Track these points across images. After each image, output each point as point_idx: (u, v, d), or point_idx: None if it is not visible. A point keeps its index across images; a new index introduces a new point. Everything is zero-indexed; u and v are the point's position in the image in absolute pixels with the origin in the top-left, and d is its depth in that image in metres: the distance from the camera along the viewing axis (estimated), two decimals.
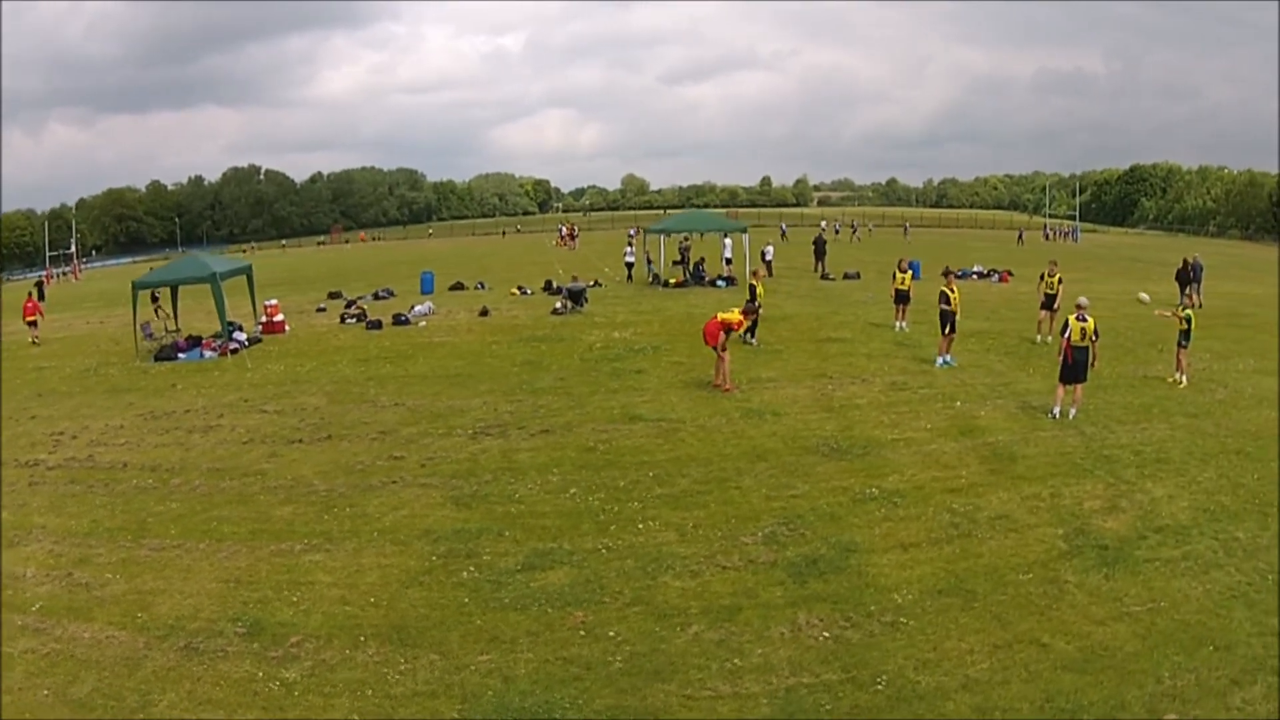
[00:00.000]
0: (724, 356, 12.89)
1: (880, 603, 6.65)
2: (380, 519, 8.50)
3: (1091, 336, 11.60)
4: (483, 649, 6.01)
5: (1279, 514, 8.28)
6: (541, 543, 7.68)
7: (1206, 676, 5.69)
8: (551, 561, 7.29)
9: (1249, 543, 7.68)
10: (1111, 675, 5.69)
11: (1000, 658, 5.90)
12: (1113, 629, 6.27)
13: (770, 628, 6.24)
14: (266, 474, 10.07)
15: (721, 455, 9.93)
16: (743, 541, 7.68)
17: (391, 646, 6.08)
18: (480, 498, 8.90)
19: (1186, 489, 8.98)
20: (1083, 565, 7.28)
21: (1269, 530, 7.91)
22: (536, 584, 6.90)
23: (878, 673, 5.72)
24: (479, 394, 13.32)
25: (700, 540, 7.71)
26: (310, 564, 7.52)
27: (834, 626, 6.30)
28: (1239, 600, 6.68)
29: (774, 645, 6.02)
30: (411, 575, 7.22)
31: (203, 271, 20.07)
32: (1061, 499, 8.71)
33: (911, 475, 9.36)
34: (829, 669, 5.75)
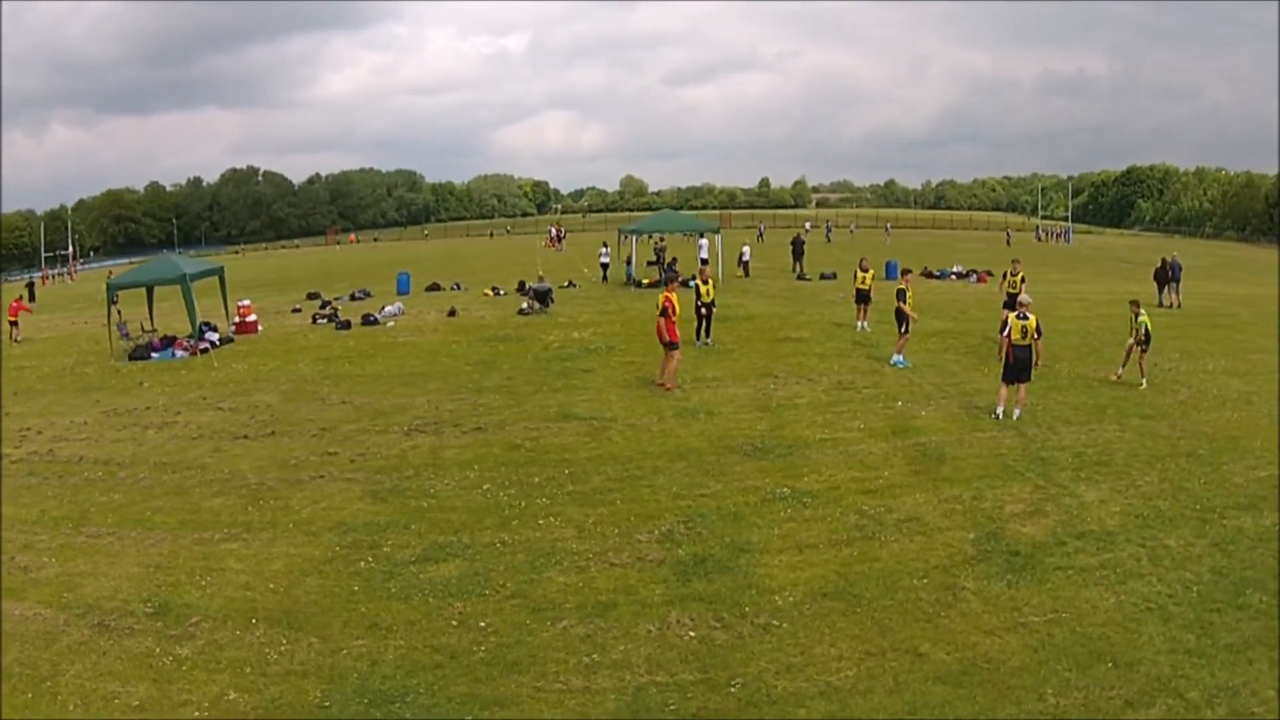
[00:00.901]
0: (673, 355, 12.99)
1: (758, 604, 6.59)
2: (300, 511, 8.76)
3: (1034, 335, 11.37)
4: (360, 634, 6.23)
5: (1220, 520, 8.03)
6: (442, 536, 7.86)
7: (1097, 696, 5.41)
8: (447, 554, 7.46)
9: (1180, 551, 7.45)
10: (988, 690, 5.48)
11: (870, 665, 5.77)
12: (1002, 640, 6.06)
13: (639, 625, 6.26)
14: (207, 468, 10.36)
15: (643, 454, 10.02)
16: (637, 539, 7.73)
17: (278, 629, 6.36)
18: (397, 492, 9.10)
19: (1122, 493, 8.77)
20: (986, 571, 7.10)
21: (1204, 538, 7.69)
22: (426, 575, 7.08)
23: (735, 675, 5.66)
24: (426, 392, 13.51)
25: (596, 537, 7.79)
26: (225, 552, 7.83)
27: (703, 627, 6.27)
28: (1154, 613, 6.43)
29: (637, 643, 6.04)
30: (314, 564, 7.47)
31: (173, 272, 20.37)
32: (982, 502, 8.57)
33: (829, 475, 9.33)
34: (686, 669, 5.73)
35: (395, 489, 9.21)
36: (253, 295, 31.90)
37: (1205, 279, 36.56)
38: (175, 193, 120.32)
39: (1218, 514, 8.24)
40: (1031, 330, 11.37)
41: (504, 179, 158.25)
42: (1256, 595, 6.65)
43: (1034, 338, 11.39)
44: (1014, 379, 11.48)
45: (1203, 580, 6.95)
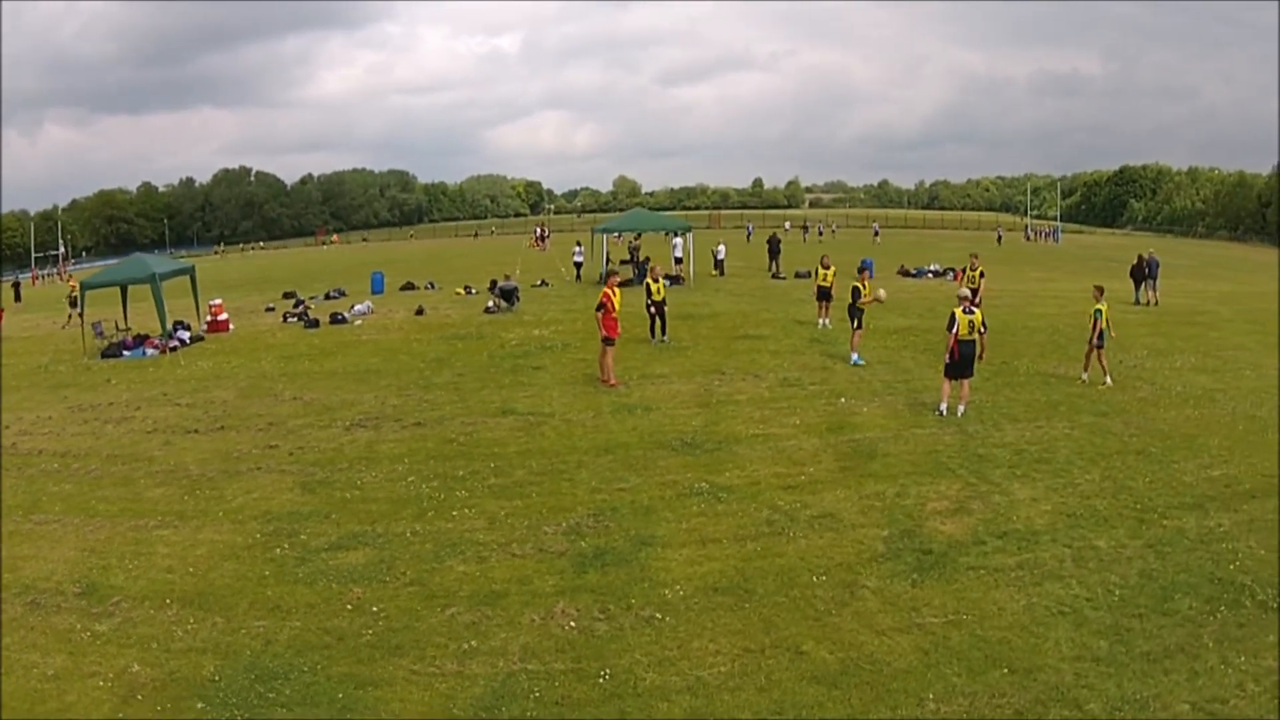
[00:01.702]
0: (607, 351, 13.21)
1: (646, 597, 6.58)
2: (232, 501, 9.03)
3: (979, 329, 11.26)
4: (261, 616, 6.49)
5: (1160, 520, 7.86)
6: (359, 526, 8.09)
7: (984, 704, 5.19)
8: (359, 543, 7.69)
9: (1109, 552, 7.24)
10: (866, 691, 5.35)
11: (745, 662, 5.70)
12: (892, 640, 5.93)
13: (524, 614, 6.35)
14: (154, 460, 10.65)
15: (571, 448, 10.18)
16: (544, 531, 7.84)
17: (189, 609, 6.66)
18: (326, 484, 9.34)
19: (1058, 491, 8.62)
20: (892, 570, 6.98)
21: (1139, 539, 7.47)
22: (334, 562, 7.32)
23: (606, 666, 5.68)
24: (376, 389, 13.72)
25: (505, 528, 7.92)
26: (156, 538, 8.13)
27: (587, 618, 6.31)
28: (1067, 617, 6.21)
29: (519, 631, 6.13)
30: (234, 550, 7.74)
31: (143, 272, 20.59)
32: (905, 499, 8.48)
33: (752, 471, 9.33)
34: (560, 659, 5.79)
35: (325, 481, 9.44)
36: (233, 294, 32.25)
37: (1190, 277, 36.73)
38: (168, 193, 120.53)
39: (1158, 514, 8.05)
40: (978, 325, 11.26)
41: (497, 179, 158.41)
42: (1186, 600, 6.43)
43: (979, 332, 11.27)
44: (958, 374, 11.35)
45: (1128, 584, 6.72)
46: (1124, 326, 19.28)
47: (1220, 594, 6.58)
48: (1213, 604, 6.44)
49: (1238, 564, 7.05)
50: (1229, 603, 6.45)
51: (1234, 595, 6.55)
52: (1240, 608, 6.38)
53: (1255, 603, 6.46)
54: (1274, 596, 6.55)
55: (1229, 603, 6.45)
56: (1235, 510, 8.18)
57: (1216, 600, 6.49)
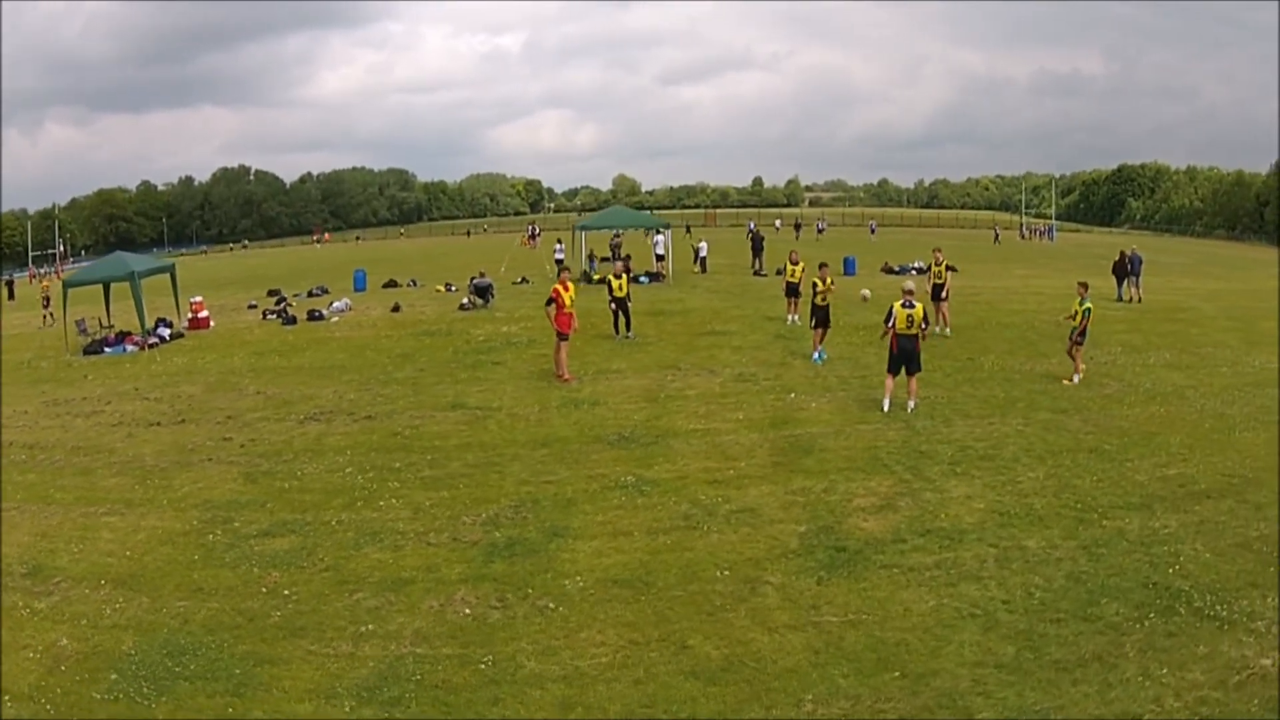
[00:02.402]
0: (561, 346, 13.43)
1: (546, 587, 6.66)
2: (179, 490, 9.35)
3: (920, 324, 11.12)
4: (184, 597, 6.80)
5: (1100, 520, 7.69)
6: (291, 514, 8.38)
7: (865, 708, 5.08)
8: (286, 530, 7.97)
9: (1037, 553, 7.06)
10: (743, 689, 5.30)
11: (628, 654, 5.72)
12: (783, 638, 5.86)
13: (425, 601, 6.50)
14: (115, 452, 10.98)
15: (510, 442, 10.37)
16: (463, 521, 7.98)
17: (120, 590, 6.99)
18: (269, 474, 9.63)
19: (996, 489, 8.46)
20: (801, 566, 6.90)
21: (1074, 540, 7.26)
22: (260, 548, 7.60)
23: (491, 653, 5.77)
24: (337, 384, 14.01)
25: (427, 518, 8.10)
26: (103, 524, 8.48)
27: (484, 605, 6.42)
28: (976, 620, 6.02)
29: (415, 617, 6.29)
30: (171, 536, 8.06)
31: (122, 270, 20.93)
32: (831, 495, 8.39)
33: (683, 465, 9.35)
34: (449, 644, 5.90)
35: (268, 471, 9.73)
36: (222, 292, 32.60)
37: (1181, 275, 36.59)
38: (167, 192, 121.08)
39: (1100, 514, 7.84)
40: (918, 319, 11.07)
41: (496, 178, 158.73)
42: (1113, 606, 6.21)
43: (921, 327, 11.13)
44: (901, 370, 11.22)
45: (1052, 586, 6.51)
46: (1101, 323, 18.95)
47: (1152, 600, 6.31)
48: (1142, 610, 6.17)
49: (1178, 568, 6.79)
50: (1161, 609, 6.17)
51: (1168, 601, 6.27)
52: (1173, 615, 6.10)
53: (1190, 610, 6.17)
54: (1213, 604, 6.23)
55: (1161, 609, 6.17)
56: (1185, 511, 7.93)
57: (1147, 606, 6.22)
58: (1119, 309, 22.04)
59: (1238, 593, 6.40)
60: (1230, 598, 6.32)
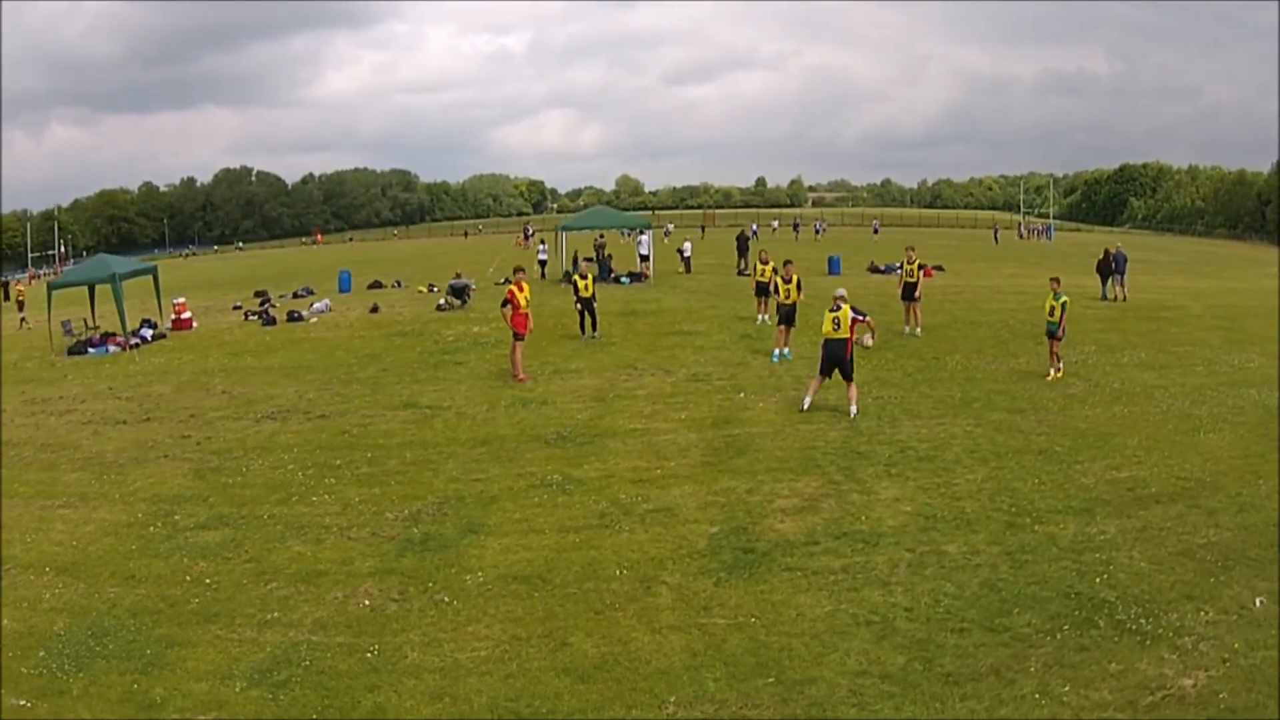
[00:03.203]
0: (516, 346, 13.72)
1: (447, 582, 6.78)
2: (132, 485, 9.71)
3: (849, 327, 10.93)
4: (116, 584, 7.15)
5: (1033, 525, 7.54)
6: (229, 508, 8.71)
7: (729, 713, 5.07)
8: (221, 524, 8.30)
9: (956, 558, 6.92)
10: (610, 688, 5.32)
11: (507, 649, 5.80)
12: (664, 639, 5.87)
13: (331, 592, 6.71)
14: (80, 448, 11.37)
15: (451, 440, 10.61)
16: (386, 517, 8.18)
17: (62, 576, 7.36)
18: (217, 471, 9.99)
19: (928, 491, 8.36)
20: (702, 568, 6.89)
21: (999, 545, 7.11)
22: (194, 540, 7.95)
23: (379, 642, 5.92)
24: (301, 383, 14.38)
25: (354, 513, 8.33)
26: (58, 516, 8.84)
27: (384, 598, 6.59)
28: (871, 628, 5.91)
29: (319, 606, 6.49)
30: (115, 527, 8.42)
31: (104, 272, 21.36)
32: (755, 495, 8.39)
33: (613, 464, 9.45)
34: (343, 633, 6.10)
35: (217, 468, 10.09)
36: (213, 293, 33.03)
37: (1174, 274, 36.27)
38: (169, 193, 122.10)
39: (1034, 518, 7.67)
40: (845, 322, 10.91)
41: (499, 178, 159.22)
42: (1025, 616, 5.99)
43: (849, 330, 10.93)
44: (833, 372, 11.17)
45: (963, 594, 6.32)
46: (1080, 321, 18.83)
47: (1070, 611, 6.07)
48: (1056, 622, 5.92)
49: (1106, 577, 6.56)
50: (1077, 621, 5.92)
51: (1087, 613, 6.03)
52: (1090, 628, 5.86)
53: (1111, 623, 5.92)
54: (1138, 617, 5.96)
55: (1077, 621, 5.92)
56: (1129, 516, 7.73)
57: (1063, 618, 5.97)
58: (1100, 307, 21.94)
59: (1169, 605, 6.13)
60: (1159, 610, 6.05)
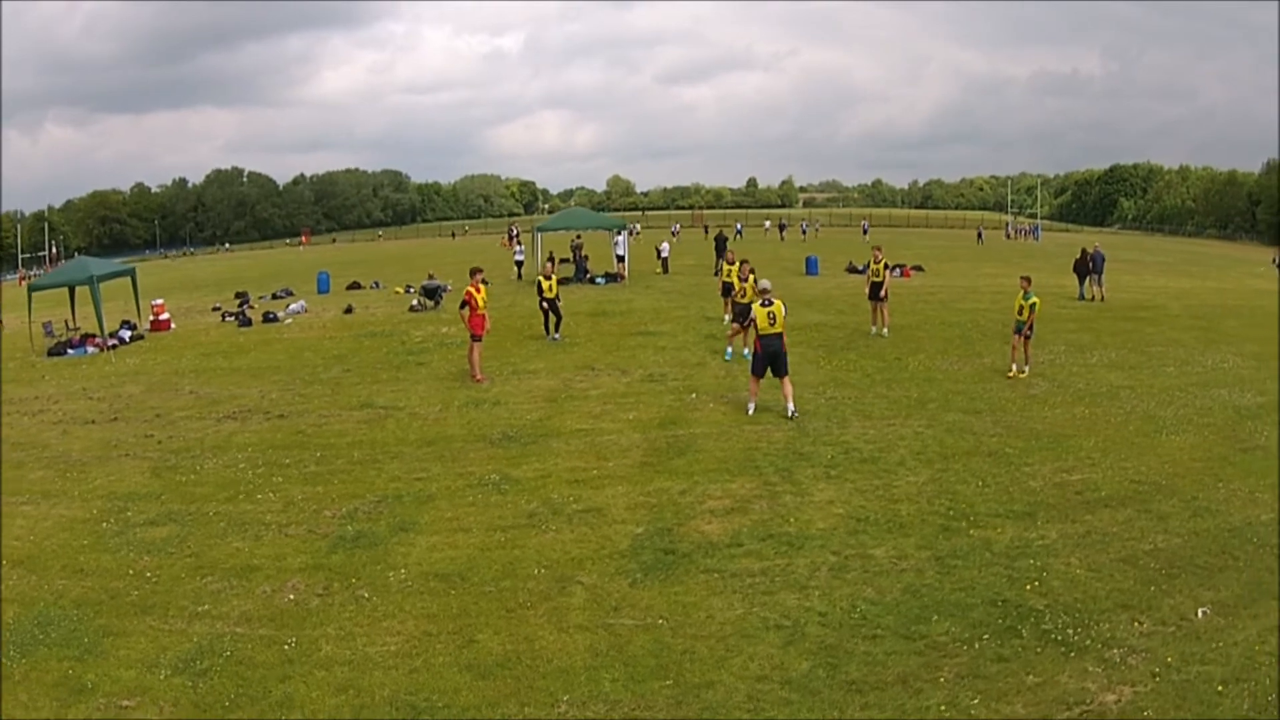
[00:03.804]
0: (474, 347, 14.01)
1: (371, 578, 6.97)
2: (92, 483, 10.01)
3: (784, 322, 10.95)
4: (66, 577, 7.46)
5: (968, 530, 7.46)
6: (179, 505, 9.02)
7: (622, 714, 5.12)
8: (169, 520, 8.61)
9: (882, 563, 6.89)
10: (508, 686, 5.43)
11: (418, 644, 5.94)
12: (570, 639, 5.94)
13: (260, 587, 6.95)
14: (48, 447, 11.67)
15: (400, 440, 10.84)
16: (325, 515, 8.39)
17: (16, 569, 7.65)
18: (174, 469, 10.30)
19: (865, 494, 8.36)
20: (620, 568, 6.96)
21: (929, 550, 7.09)
22: (141, 536, 8.26)
23: (296, 636, 6.13)
24: (266, 384, 14.70)
25: (295, 511, 8.56)
26: (19, 512, 9.11)
27: (308, 593, 6.77)
28: (780, 632, 5.90)
29: (247, 600, 6.74)
30: (72, 523, 8.72)
31: (83, 274, 21.69)
32: (687, 497, 8.45)
33: (552, 464, 9.59)
34: (266, 626, 6.30)
35: (174, 466, 10.41)
36: (194, 295, 33.27)
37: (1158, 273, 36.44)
38: (161, 194, 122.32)
39: (971, 522, 7.61)
40: (780, 317, 10.89)
41: (491, 179, 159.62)
42: (945, 624, 5.92)
43: (784, 326, 10.97)
44: (766, 371, 11.08)
45: (883, 600, 6.27)
46: (1054, 321, 18.81)
47: (993, 619, 5.98)
48: (977, 630, 5.82)
49: (1038, 584, 6.46)
50: (999, 630, 5.82)
51: (1011, 622, 5.93)
52: (1013, 638, 5.75)
53: (1036, 632, 5.81)
54: (1065, 626, 5.83)
55: (999, 630, 5.82)
56: (1073, 521, 7.66)
57: (984, 626, 5.87)
58: (1077, 307, 22.00)
59: (1101, 615, 6.01)
60: (1090, 620, 5.93)
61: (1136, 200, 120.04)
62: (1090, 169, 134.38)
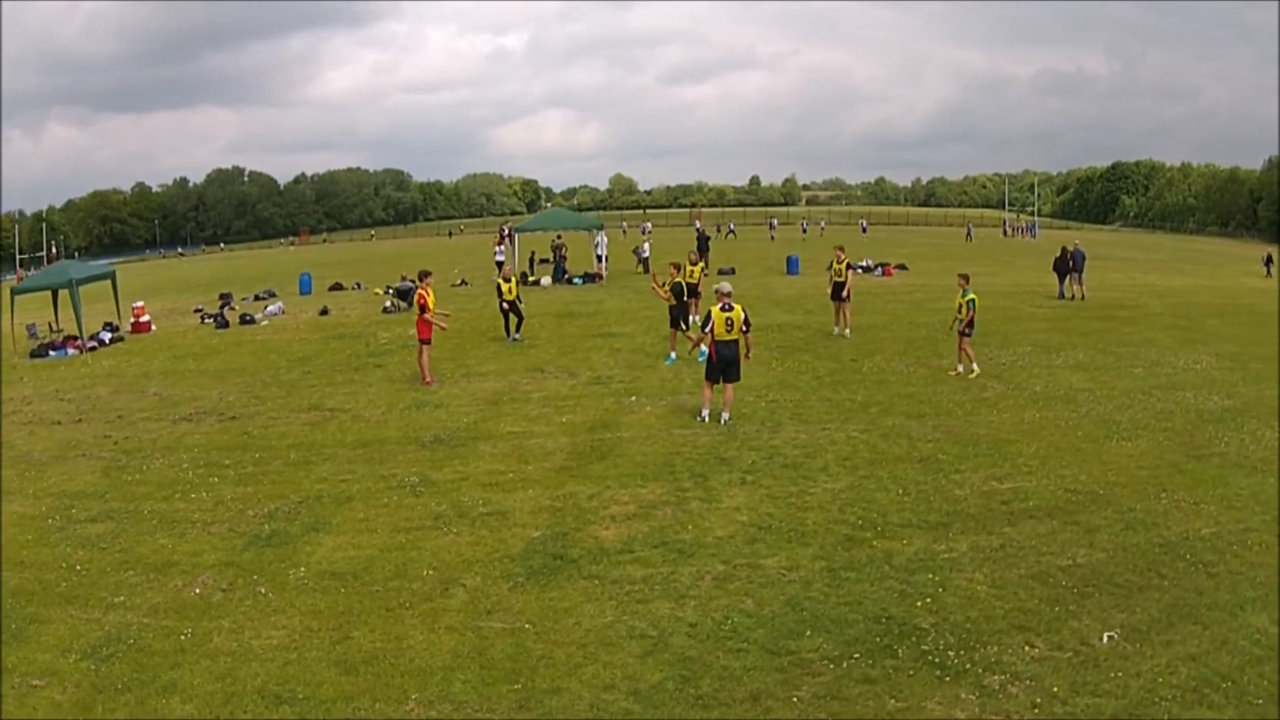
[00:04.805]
0: (423, 350, 14.46)
1: (273, 576, 7.22)
2: (47, 481, 10.47)
3: (741, 328, 10.66)
4: (8, 569, 7.85)
5: (871, 540, 7.32)
6: (120, 504, 9.46)
7: (468, 713, 5.24)
8: (108, 517, 9.04)
9: (771, 573, 6.80)
10: (368, 681, 5.63)
11: (298, 638, 6.19)
12: (437, 639, 6.08)
13: (173, 581, 7.25)
14: (13, 447, 12.11)
15: (337, 442, 11.13)
16: (248, 514, 8.67)
17: None
18: (123, 469, 10.76)
19: (775, 501, 8.29)
20: (505, 571, 7.09)
21: (824, 560, 6.97)
22: (80, 532, 8.70)
23: (194, 628, 6.42)
24: (227, 385, 15.21)
25: (223, 510, 8.87)
26: None
27: (214, 588, 7.07)
28: (644, 642, 5.90)
29: (157, 593, 7.07)
30: (20, 520, 9.13)
31: (62, 278, 22.31)
32: (593, 501, 8.52)
33: (473, 467, 9.76)
34: (169, 618, 6.61)
35: (124, 466, 10.88)
36: (181, 296, 33.87)
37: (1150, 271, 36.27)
38: (161, 193, 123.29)
39: (878, 533, 7.47)
40: (738, 323, 10.61)
41: (493, 178, 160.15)
42: (819, 640, 5.78)
43: (742, 330, 10.68)
44: (719, 378, 10.92)
45: (761, 612, 6.17)
46: (1026, 320, 19.15)
47: (871, 637, 5.81)
48: (850, 649, 5.66)
49: (931, 601, 6.24)
50: (874, 650, 5.64)
51: (889, 641, 5.74)
52: (887, 657, 5.55)
53: (915, 653, 5.59)
54: (948, 648, 5.59)
55: (874, 650, 5.64)
56: (990, 533, 7.43)
57: (859, 644, 5.71)
58: (1054, 306, 22.03)
59: (992, 637, 5.75)
60: (977, 642, 5.68)
61: (1138, 198, 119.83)
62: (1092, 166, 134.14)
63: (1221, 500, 8.25)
